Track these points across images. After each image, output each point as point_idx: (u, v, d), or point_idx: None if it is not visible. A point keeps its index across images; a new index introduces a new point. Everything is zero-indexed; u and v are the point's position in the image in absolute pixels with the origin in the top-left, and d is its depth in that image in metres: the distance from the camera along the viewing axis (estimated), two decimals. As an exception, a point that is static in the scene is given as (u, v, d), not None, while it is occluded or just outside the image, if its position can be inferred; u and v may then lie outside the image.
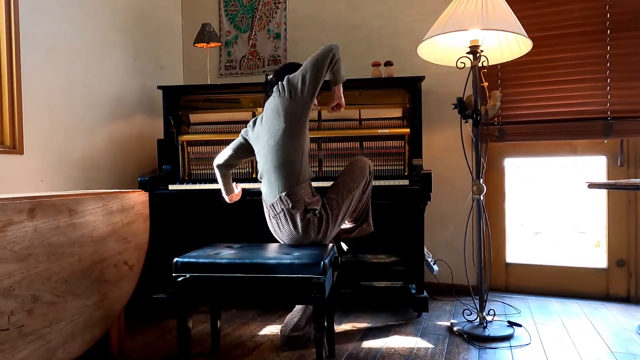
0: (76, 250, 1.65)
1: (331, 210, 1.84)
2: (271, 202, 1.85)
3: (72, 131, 2.46)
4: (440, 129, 2.85)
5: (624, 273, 2.62)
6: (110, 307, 1.82)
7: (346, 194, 1.90)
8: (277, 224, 1.85)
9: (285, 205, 1.80)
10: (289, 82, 1.86)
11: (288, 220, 1.79)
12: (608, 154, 2.64)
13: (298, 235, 1.80)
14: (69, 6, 2.44)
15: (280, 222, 1.83)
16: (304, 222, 1.77)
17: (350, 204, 1.93)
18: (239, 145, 2.09)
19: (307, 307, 1.91)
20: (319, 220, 1.80)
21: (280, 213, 1.81)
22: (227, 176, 2.14)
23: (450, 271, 2.76)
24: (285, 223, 1.81)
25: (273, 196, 1.84)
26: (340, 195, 1.88)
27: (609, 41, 2.50)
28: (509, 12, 2.07)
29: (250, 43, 3.20)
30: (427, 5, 2.81)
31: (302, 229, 1.78)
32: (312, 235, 1.81)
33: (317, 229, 1.80)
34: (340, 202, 1.87)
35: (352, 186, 1.93)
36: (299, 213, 1.78)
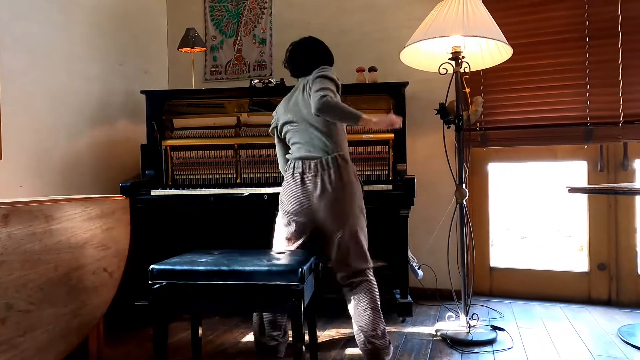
0: (53, 257, 1.62)
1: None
2: (321, 158, 1.80)
3: (53, 135, 2.43)
4: (424, 135, 2.87)
5: (605, 276, 2.65)
6: (89, 315, 1.79)
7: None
8: (316, 182, 1.77)
9: (342, 161, 1.79)
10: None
11: (340, 176, 1.77)
12: (588, 159, 2.68)
13: (340, 195, 1.75)
14: (52, 10, 2.42)
15: (324, 179, 1.76)
16: (352, 185, 1.79)
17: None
18: (278, 142, 2.03)
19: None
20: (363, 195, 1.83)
21: (332, 169, 1.77)
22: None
23: (435, 276, 2.77)
24: (331, 179, 1.76)
25: (325, 153, 1.81)
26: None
27: (588, 48, 2.54)
28: (490, 19, 2.09)
29: (236, 48, 3.19)
30: (412, 12, 2.84)
31: (348, 188, 1.77)
32: (355, 203, 1.79)
33: (358, 201, 1.81)
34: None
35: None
36: (352, 172, 1.81)
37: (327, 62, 1.95)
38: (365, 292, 1.81)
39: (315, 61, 1.93)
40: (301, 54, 1.95)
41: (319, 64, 1.92)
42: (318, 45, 1.97)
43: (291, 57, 1.98)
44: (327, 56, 1.97)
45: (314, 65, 1.91)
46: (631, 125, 2.48)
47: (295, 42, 2.00)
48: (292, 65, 1.98)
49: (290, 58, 1.98)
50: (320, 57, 1.94)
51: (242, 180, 2.59)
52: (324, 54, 1.96)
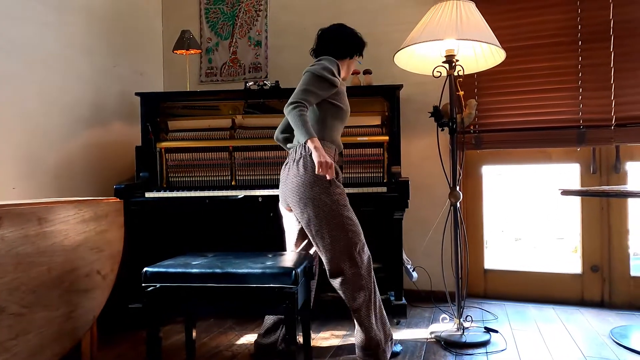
0: (45, 259, 1.61)
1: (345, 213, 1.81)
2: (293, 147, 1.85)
3: (47, 138, 2.42)
4: (419, 137, 2.88)
5: (598, 278, 2.67)
6: (82, 318, 1.78)
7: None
8: (287, 172, 1.83)
9: (306, 151, 1.78)
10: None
11: (303, 166, 1.77)
12: (581, 161, 2.70)
13: (303, 181, 1.75)
14: (45, 11, 2.41)
15: (291, 169, 1.81)
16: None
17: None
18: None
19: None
20: (330, 181, 1.76)
21: (300, 159, 1.78)
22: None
23: (429, 278, 2.78)
24: (296, 168, 1.78)
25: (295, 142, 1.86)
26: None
27: (580, 52, 2.57)
28: (483, 23, 2.11)
29: (231, 50, 3.20)
30: (407, 15, 2.85)
31: (311, 177, 1.74)
32: (317, 191, 1.74)
33: (326, 186, 1.75)
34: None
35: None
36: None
37: (336, 52, 1.94)
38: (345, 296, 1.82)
39: (323, 49, 1.96)
40: (320, 40, 1.98)
41: (326, 52, 1.94)
42: (334, 33, 1.97)
43: (315, 43, 2.01)
44: (340, 45, 1.95)
45: (320, 52, 1.96)
46: (623, 128, 2.50)
47: (323, 28, 2.02)
48: (314, 51, 2.01)
49: (315, 44, 2.01)
50: (329, 45, 1.95)
51: (237, 182, 2.59)
52: (337, 42, 1.95)
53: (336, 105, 1.90)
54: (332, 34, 1.97)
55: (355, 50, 2.00)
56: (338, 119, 1.92)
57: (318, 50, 1.98)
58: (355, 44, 1.99)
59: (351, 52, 1.99)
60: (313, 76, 1.81)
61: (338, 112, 1.91)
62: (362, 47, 2.02)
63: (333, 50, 1.94)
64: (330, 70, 1.83)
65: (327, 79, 1.81)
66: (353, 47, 1.98)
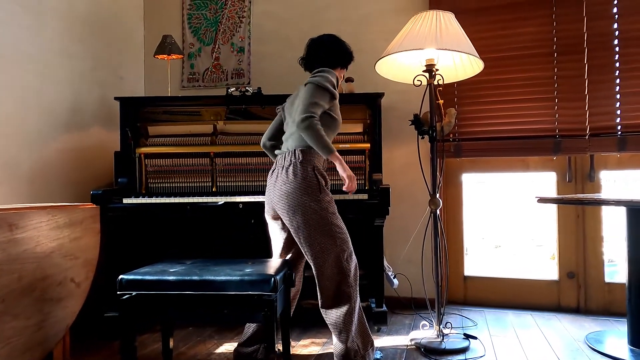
0: (16, 267, 1.56)
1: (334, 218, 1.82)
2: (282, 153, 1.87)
3: (22, 142, 2.36)
4: (400, 145, 2.91)
5: (574, 285, 2.72)
6: (54, 328, 1.73)
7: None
8: (275, 179, 1.84)
9: (296, 158, 1.79)
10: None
11: (292, 173, 1.78)
12: (558, 170, 2.77)
13: (293, 189, 1.75)
14: (23, 14, 2.37)
15: (280, 175, 1.81)
16: (307, 179, 1.76)
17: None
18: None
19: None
20: (320, 188, 1.77)
21: (290, 166, 1.79)
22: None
23: (410, 285, 2.80)
24: (285, 174, 1.79)
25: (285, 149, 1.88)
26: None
27: (556, 63, 2.64)
28: (462, 34, 2.15)
29: (214, 56, 3.18)
30: (389, 24, 2.89)
31: (301, 184, 1.75)
32: (306, 199, 1.75)
33: (316, 194, 1.76)
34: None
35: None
36: (307, 168, 1.79)
37: (332, 64, 1.96)
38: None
39: (317, 60, 1.96)
40: (312, 50, 1.98)
41: (321, 64, 1.95)
42: (329, 43, 1.98)
43: (305, 52, 2.01)
44: (334, 57, 1.97)
45: (315, 65, 1.96)
46: (597, 137, 2.58)
47: (314, 37, 2.02)
48: (303, 60, 2.01)
49: (305, 53, 2.01)
50: (324, 56, 1.95)
51: (218, 188, 2.57)
52: (332, 53, 1.96)
53: (332, 117, 1.91)
54: (327, 44, 1.97)
55: (348, 61, 2.03)
56: (331, 130, 1.93)
57: (310, 59, 1.98)
58: (349, 54, 2.02)
59: (344, 62, 2.01)
60: (317, 88, 1.82)
61: (333, 122, 1.92)
62: (352, 57, 2.05)
63: (329, 60, 1.95)
64: (332, 81, 1.87)
65: (330, 90, 1.84)
66: (347, 57, 2.01)
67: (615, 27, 2.55)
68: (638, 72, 2.51)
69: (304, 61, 2.02)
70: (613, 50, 2.55)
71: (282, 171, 1.82)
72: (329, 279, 1.79)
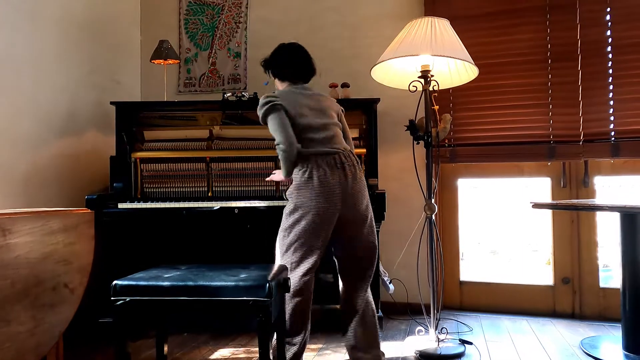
0: (9, 273, 1.55)
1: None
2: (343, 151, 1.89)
3: (16, 146, 2.35)
4: (396, 150, 2.92)
5: (569, 290, 2.73)
6: (47, 334, 1.71)
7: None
8: (349, 174, 1.86)
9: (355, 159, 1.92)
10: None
11: (360, 169, 1.91)
12: (552, 175, 2.78)
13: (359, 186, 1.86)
14: (18, 18, 2.37)
15: (357, 170, 1.89)
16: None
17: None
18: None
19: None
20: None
21: (358, 163, 1.92)
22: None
23: (406, 290, 2.79)
24: (359, 170, 1.90)
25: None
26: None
27: (550, 70, 2.66)
28: (457, 40, 2.17)
29: (210, 61, 3.19)
30: (385, 30, 2.91)
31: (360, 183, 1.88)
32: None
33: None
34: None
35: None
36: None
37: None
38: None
39: (313, 73, 2.03)
40: (309, 59, 2.01)
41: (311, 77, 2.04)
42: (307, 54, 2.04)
43: (306, 59, 1.99)
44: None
45: (311, 77, 2.03)
46: (591, 143, 2.60)
47: (295, 44, 2.01)
48: (306, 68, 2.00)
49: (305, 60, 1.99)
50: (313, 68, 2.04)
51: (214, 193, 2.56)
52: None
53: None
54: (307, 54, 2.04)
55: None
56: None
57: (311, 71, 2.03)
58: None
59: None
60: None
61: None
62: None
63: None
64: None
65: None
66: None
67: (608, 34, 2.58)
68: (631, 79, 2.54)
69: (305, 71, 1.99)
70: (606, 57, 2.57)
71: (355, 166, 1.89)
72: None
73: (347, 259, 1.92)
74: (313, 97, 1.95)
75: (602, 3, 2.58)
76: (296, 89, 1.94)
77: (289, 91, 1.94)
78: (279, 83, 2.03)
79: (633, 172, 2.65)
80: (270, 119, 1.83)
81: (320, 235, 1.80)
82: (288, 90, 1.95)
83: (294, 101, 1.88)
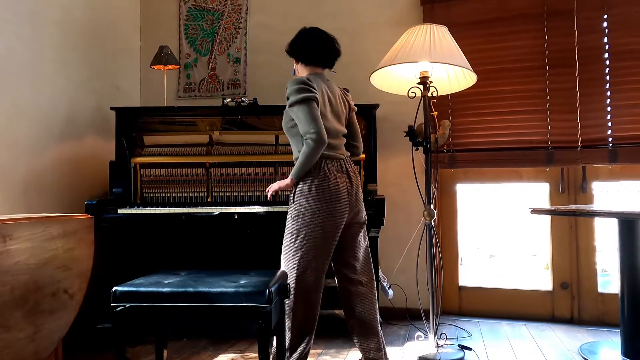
0: (9, 279, 1.56)
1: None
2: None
3: (15, 150, 2.36)
4: (394, 155, 2.93)
5: (567, 295, 2.74)
6: (46, 340, 1.71)
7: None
8: (353, 180, 1.92)
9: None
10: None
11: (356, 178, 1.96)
12: (550, 181, 2.79)
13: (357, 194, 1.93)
14: (19, 23, 2.38)
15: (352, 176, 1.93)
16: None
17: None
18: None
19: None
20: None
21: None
22: None
23: (405, 295, 2.80)
24: (356, 177, 1.95)
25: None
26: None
27: (548, 76, 2.68)
28: (455, 47, 2.19)
29: (210, 66, 3.20)
30: (384, 36, 2.93)
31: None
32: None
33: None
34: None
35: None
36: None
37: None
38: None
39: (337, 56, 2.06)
40: (336, 45, 2.01)
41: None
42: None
43: (331, 41, 1.99)
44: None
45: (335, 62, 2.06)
46: (588, 149, 2.61)
47: (317, 28, 2.01)
48: (334, 53, 1.99)
49: (330, 41, 1.98)
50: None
51: (213, 199, 2.57)
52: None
53: None
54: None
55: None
56: None
57: (336, 56, 2.05)
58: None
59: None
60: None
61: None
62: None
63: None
64: None
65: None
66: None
67: (605, 41, 2.60)
68: (628, 85, 2.56)
69: (331, 56, 1.99)
70: (603, 63, 2.59)
71: (356, 173, 1.96)
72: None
73: (345, 262, 1.94)
74: (334, 94, 1.98)
75: (599, 10, 2.60)
76: (321, 79, 1.95)
77: (318, 80, 1.92)
78: (302, 68, 2.01)
79: (631, 178, 2.66)
80: (303, 107, 1.79)
81: (330, 239, 1.83)
82: (314, 77, 1.92)
83: (322, 98, 1.89)
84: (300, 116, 1.80)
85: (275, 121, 2.64)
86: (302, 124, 1.79)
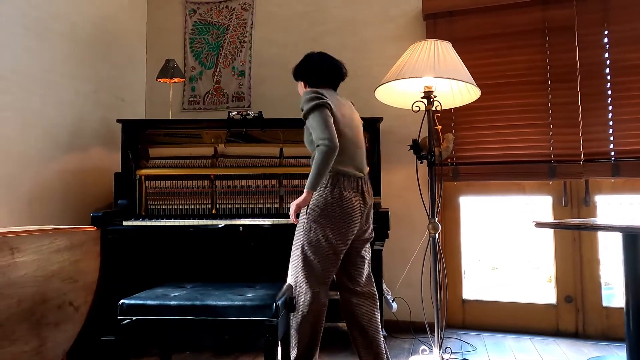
0: (16, 291, 1.56)
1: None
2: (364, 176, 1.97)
3: (22, 162, 2.37)
4: (399, 168, 2.94)
5: (572, 309, 2.73)
6: (51, 352, 1.71)
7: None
8: (368, 200, 1.94)
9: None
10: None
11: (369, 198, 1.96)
12: (553, 194, 2.80)
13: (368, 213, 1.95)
14: (28, 36, 2.41)
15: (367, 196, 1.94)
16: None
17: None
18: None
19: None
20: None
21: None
22: None
23: (409, 309, 2.79)
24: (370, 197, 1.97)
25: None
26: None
27: (550, 91, 2.71)
28: (459, 62, 2.21)
29: (215, 79, 3.24)
30: (387, 51, 2.97)
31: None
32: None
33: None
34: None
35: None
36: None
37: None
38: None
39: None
40: (341, 65, 2.06)
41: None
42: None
43: (338, 63, 2.04)
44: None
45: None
46: (591, 163, 2.62)
47: (322, 53, 2.06)
48: (341, 76, 2.05)
49: (337, 64, 2.03)
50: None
51: (218, 211, 2.57)
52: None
53: None
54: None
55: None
56: None
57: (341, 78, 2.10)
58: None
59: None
60: None
61: None
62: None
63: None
64: None
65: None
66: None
67: (607, 56, 2.63)
68: (629, 100, 2.58)
69: (338, 79, 2.05)
70: (605, 78, 2.62)
71: (371, 192, 1.98)
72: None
73: (348, 275, 1.95)
74: (346, 106, 2.00)
75: (600, 26, 2.64)
76: (332, 93, 1.97)
77: (329, 92, 1.94)
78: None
79: (633, 191, 2.67)
80: (316, 115, 1.80)
81: (337, 254, 1.84)
82: (324, 90, 1.93)
83: (334, 104, 1.90)
84: (314, 124, 1.80)
85: (280, 134, 2.66)
86: (315, 131, 1.79)
